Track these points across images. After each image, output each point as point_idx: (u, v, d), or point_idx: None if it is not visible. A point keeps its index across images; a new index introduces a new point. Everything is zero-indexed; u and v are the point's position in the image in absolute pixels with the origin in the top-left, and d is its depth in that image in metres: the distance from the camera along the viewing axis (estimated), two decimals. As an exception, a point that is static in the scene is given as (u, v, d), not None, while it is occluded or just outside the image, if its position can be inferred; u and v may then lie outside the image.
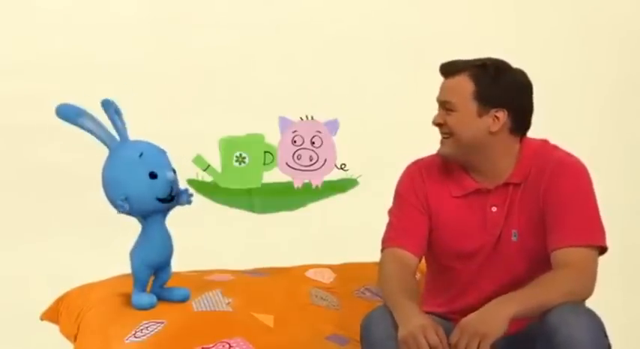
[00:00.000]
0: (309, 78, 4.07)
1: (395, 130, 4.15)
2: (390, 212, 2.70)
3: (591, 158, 2.59)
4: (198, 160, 2.89)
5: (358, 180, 3.02)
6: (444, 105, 2.58)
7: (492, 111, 2.54)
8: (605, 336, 2.31)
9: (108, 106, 2.68)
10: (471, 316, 2.29)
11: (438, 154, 2.64)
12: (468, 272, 2.60)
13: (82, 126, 2.66)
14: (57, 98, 2.63)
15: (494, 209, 2.57)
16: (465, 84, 2.55)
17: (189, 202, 2.74)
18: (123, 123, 2.71)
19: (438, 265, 2.69)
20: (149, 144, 2.73)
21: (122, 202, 2.62)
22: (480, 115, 2.54)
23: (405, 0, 4.33)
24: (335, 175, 2.98)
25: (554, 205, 2.49)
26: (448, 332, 2.32)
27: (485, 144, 2.56)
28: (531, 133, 2.63)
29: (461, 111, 2.55)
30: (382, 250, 2.65)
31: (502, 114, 2.54)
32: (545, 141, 2.63)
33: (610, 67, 4.37)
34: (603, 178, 2.60)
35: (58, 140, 3.82)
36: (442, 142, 2.61)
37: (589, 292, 2.41)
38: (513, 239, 2.55)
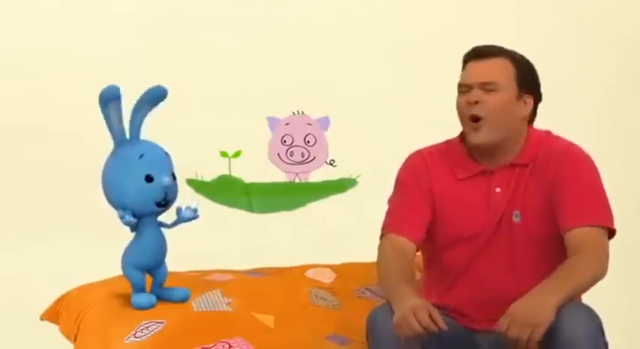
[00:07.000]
0: (310, 78, 4.06)
1: (395, 130, 4.14)
2: (390, 200, 2.70)
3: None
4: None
5: (357, 179, 3.02)
6: (485, 86, 2.56)
7: (524, 97, 2.59)
8: (603, 334, 2.32)
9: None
10: (519, 305, 2.27)
11: (471, 142, 2.59)
12: (467, 257, 2.60)
13: (107, 112, 2.61)
14: (57, 98, 2.63)
15: (498, 189, 2.58)
16: (507, 65, 2.58)
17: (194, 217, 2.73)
18: (140, 121, 2.69)
19: (436, 253, 2.68)
20: (154, 145, 2.71)
21: (123, 212, 2.62)
22: (517, 98, 2.58)
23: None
24: (334, 175, 2.98)
25: (563, 190, 2.51)
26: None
27: (515, 129, 2.58)
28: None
29: (503, 91, 2.56)
30: (381, 237, 2.66)
31: (530, 101, 2.60)
32: (549, 132, 2.66)
33: (610, 67, 4.36)
34: (602, 178, 2.60)
35: (57, 140, 3.82)
36: (475, 129, 2.57)
37: (605, 273, 2.43)
38: (515, 219, 2.55)
